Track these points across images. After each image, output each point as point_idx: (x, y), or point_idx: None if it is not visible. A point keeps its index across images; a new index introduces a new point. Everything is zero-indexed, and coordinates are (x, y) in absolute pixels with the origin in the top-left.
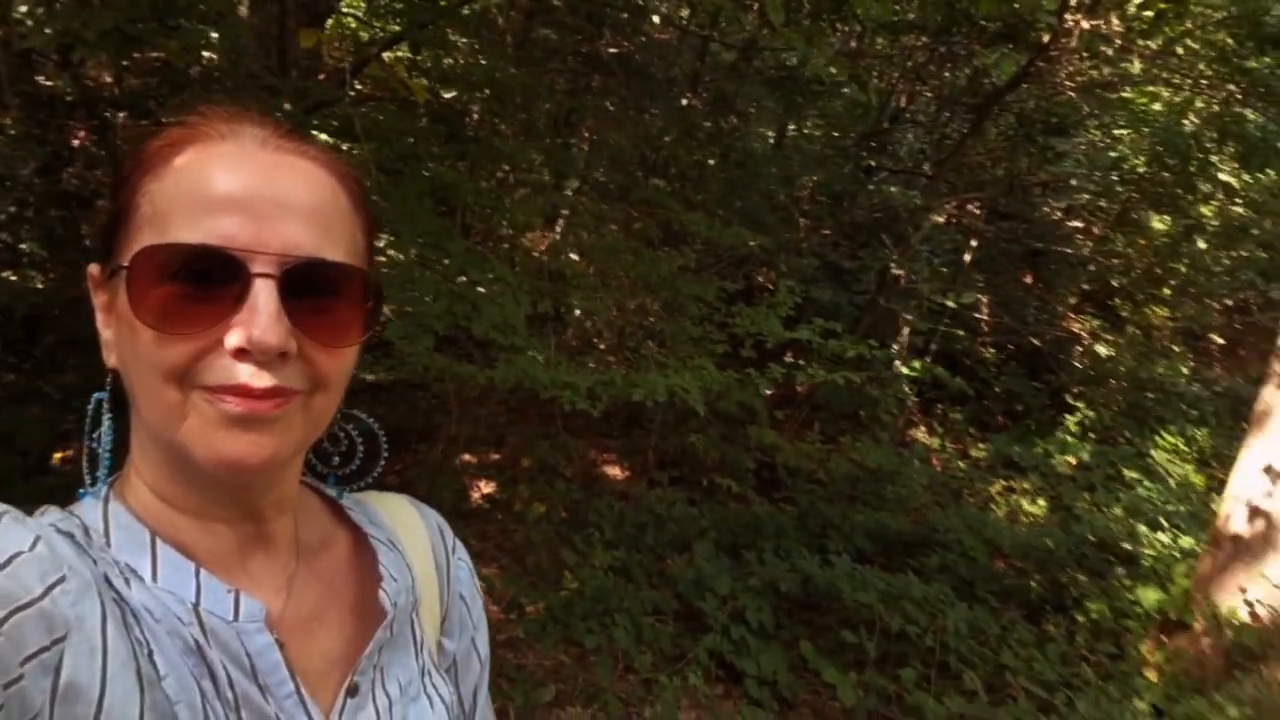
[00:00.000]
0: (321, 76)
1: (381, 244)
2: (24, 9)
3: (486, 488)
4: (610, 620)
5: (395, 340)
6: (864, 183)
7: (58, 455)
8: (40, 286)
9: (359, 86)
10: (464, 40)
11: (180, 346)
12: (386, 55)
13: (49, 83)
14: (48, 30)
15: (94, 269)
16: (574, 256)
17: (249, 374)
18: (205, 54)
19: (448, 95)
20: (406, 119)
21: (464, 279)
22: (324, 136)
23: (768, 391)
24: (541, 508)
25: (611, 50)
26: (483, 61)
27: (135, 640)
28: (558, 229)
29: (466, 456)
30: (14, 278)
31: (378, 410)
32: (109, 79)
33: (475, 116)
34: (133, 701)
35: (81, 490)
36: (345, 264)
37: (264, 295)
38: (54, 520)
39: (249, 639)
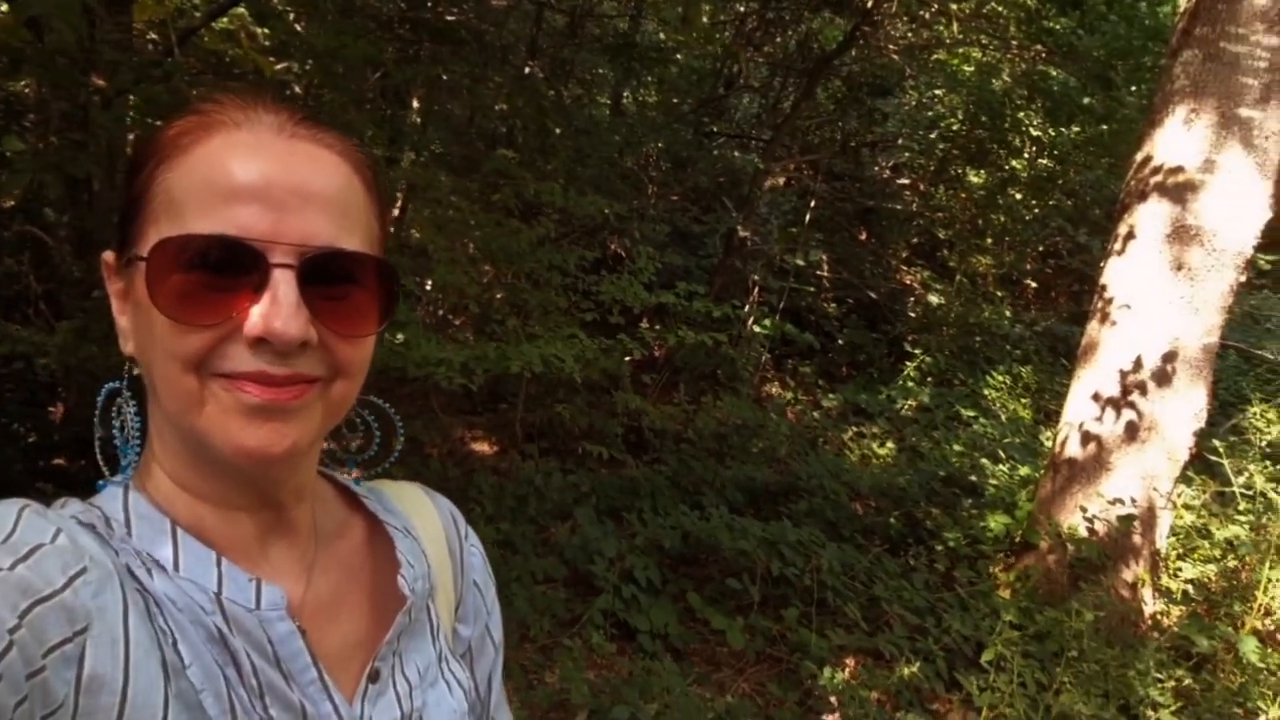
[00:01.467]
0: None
1: None
2: None
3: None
4: (504, 591)
5: None
6: (705, 148)
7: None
8: None
9: (181, 60)
10: (283, 8)
11: (198, 335)
12: (220, 26)
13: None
14: None
15: (109, 256)
16: (415, 233)
17: (268, 362)
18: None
19: (278, 66)
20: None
21: None
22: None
23: (629, 358)
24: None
25: (446, 17)
26: (298, 29)
27: (159, 630)
28: (398, 203)
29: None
30: None
31: None
32: None
33: (298, 89)
34: (157, 690)
35: (101, 481)
36: (363, 253)
37: (283, 286)
38: (75, 512)
39: (271, 627)
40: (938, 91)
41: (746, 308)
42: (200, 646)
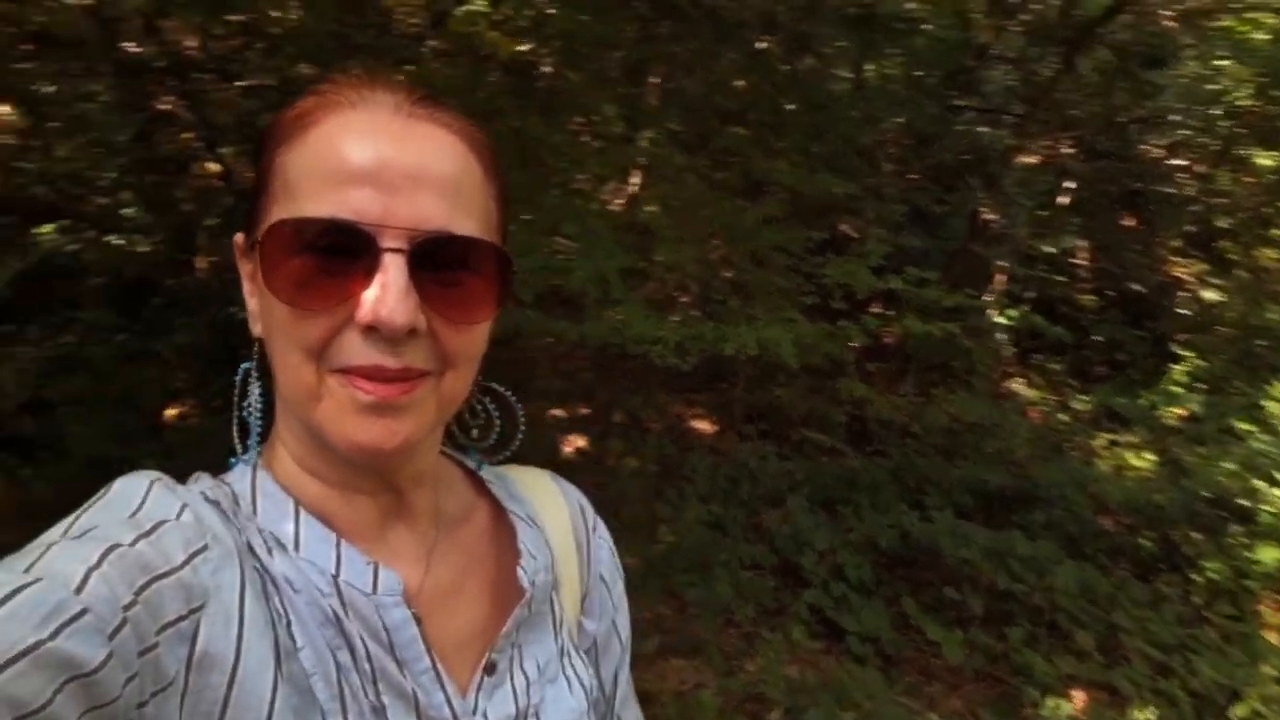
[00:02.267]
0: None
1: None
2: None
3: (578, 442)
4: (709, 573)
5: None
6: (950, 123)
7: (171, 412)
8: (145, 250)
9: (433, 43)
10: None
11: (315, 322)
12: (465, 10)
13: (138, 49)
14: None
15: (239, 238)
16: (652, 209)
17: (381, 354)
18: (283, 13)
19: (522, 48)
20: (479, 74)
21: (555, 236)
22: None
23: (854, 344)
24: (634, 462)
25: None
26: (550, 11)
27: (274, 610)
28: (635, 181)
29: (557, 412)
30: (120, 241)
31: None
32: (194, 43)
33: (547, 69)
34: (267, 671)
35: (233, 458)
36: (476, 238)
37: (393, 271)
38: (204, 488)
39: (386, 612)
40: (1222, 62)
41: (989, 296)
42: (314, 629)
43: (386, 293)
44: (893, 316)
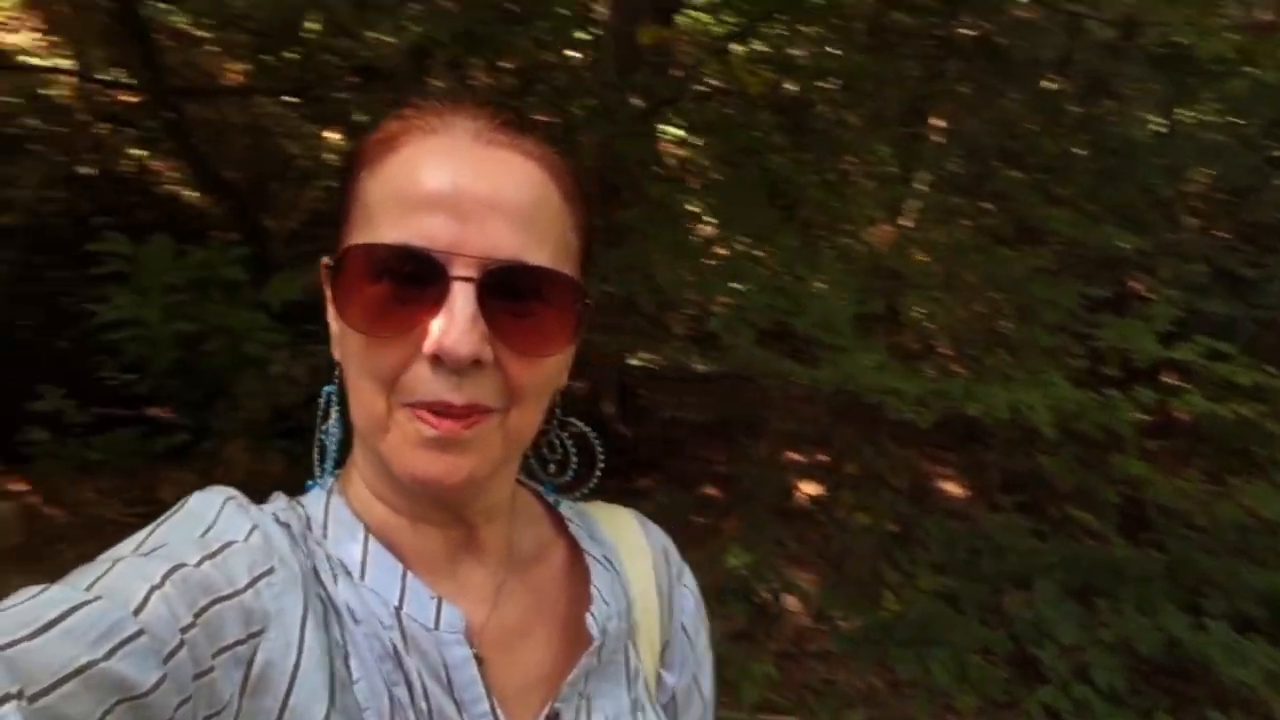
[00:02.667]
0: (679, 73)
1: (709, 235)
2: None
3: (810, 489)
4: (933, 651)
5: (718, 332)
6: (1270, 177)
7: None
8: None
9: (713, 82)
10: (811, 29)
11: (386, 352)
12: (735, 48)
13: (439, 83)
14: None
15: (325, 261)
16: (919, 255)
17: (447, 389)
18: (565, 52)
19: (791, 87)
20: (748, 113)
21: (790, 275)
22: (672, 130)
23: (1134, 418)
24: (866, 518)
25: (969, 32)
26: (829, 50)
27: (333, 640)
28: (904, 223)
29: (792, 455)
30: None
31: (706, 401)
32: (485, 78)
33: (820, 108)
34: (320, 701)
35: (310, 481)
36: (549, 269)
37: (460, 300)
38: (278, 509)
39: (448, 650)
40: None
41: None
42: (372, 663)
43: (452, 322)
44: (1177, 390)
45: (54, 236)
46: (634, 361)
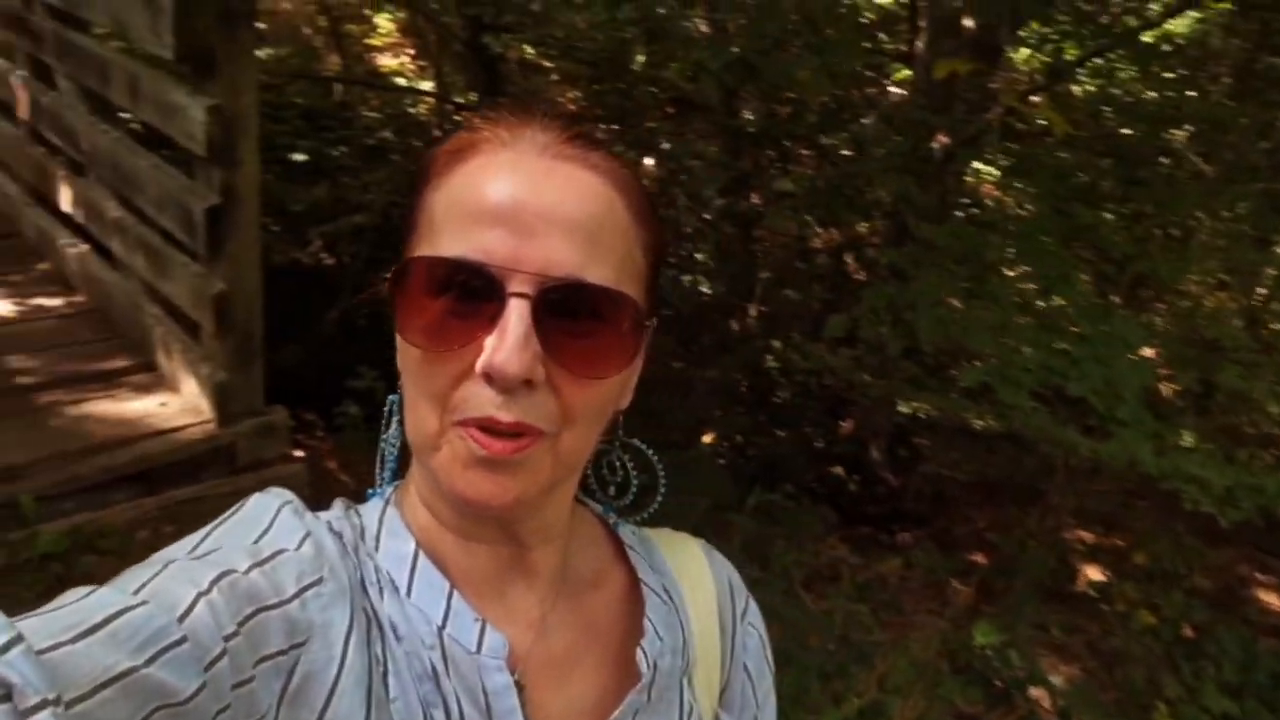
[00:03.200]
0: (997, 110)
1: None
2: None
3: (1091, 573)
4: None
5: (993, 386)
6: None
7: (706, 438)
8: (707, 292)
9: (1040, 122)
10: (1153, 70)
11: (441, 369)
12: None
13: (749, 116)
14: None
15: (386, 275)
16: (1261, 328)
17: (496, 406)
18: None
19: (1125, 131)
20: (1076, 156)
21: (1077, 330)
22: (988, 170)
23: None
24: (1151, 617)
25: None
26: (1188, 93)
27: (374, 656)
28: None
29: (1072, 532)
30: (687, 280)
31: (983, 460)
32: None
33: (1165, 157)
34: (356, 718)
35: (370, 490)
36: (608, 288)
37: (514, 317)
38: (333, 517)
39: (488, 675)
40: None
41: None
42: (411, 682)
43: (504, 339)
44: None
45: (399, 238)
46: (904, 409)
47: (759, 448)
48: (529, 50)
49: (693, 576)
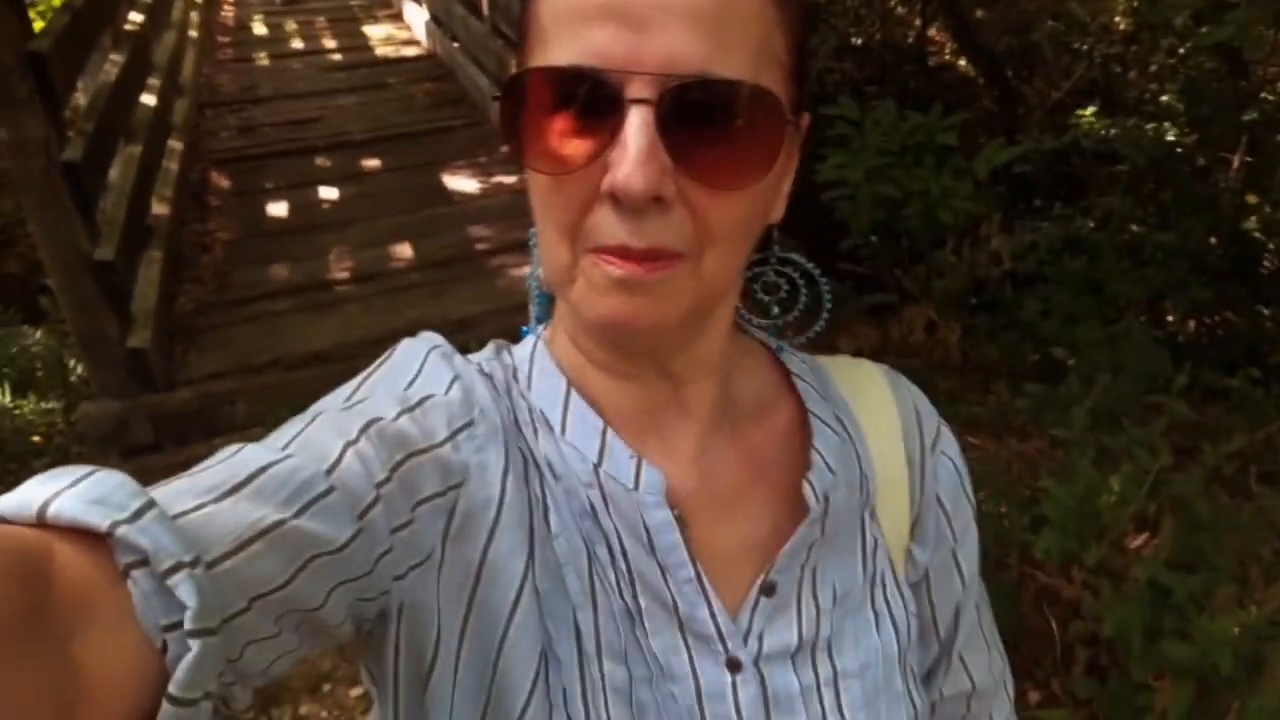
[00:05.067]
0: None
1: None
2: None
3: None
4: None
5: None
6: None
7: (1169, 315)
8: (1171, 139)
9: None
10: None
11: (565, 193)
12: None
13: None
14: None
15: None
16: None
17: (627, 231)
18: None
19: None
20: None
21: None
22: None
23: None
24: None
25: None
26: None
27: (533, 494)
28: None
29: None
30: (1150, 128)
31: None
32: None
33: None
34: (519, 555)
35: (524, 327)
36: (740, 81)
37: (634, 126)
38: (484, 359)
39: (648, 512)
40: None
41: None
42: (571, 520)
43: (624, 153)
44: None
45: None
46: None
47: (1229, 326)
48: None
49: (872, 405)
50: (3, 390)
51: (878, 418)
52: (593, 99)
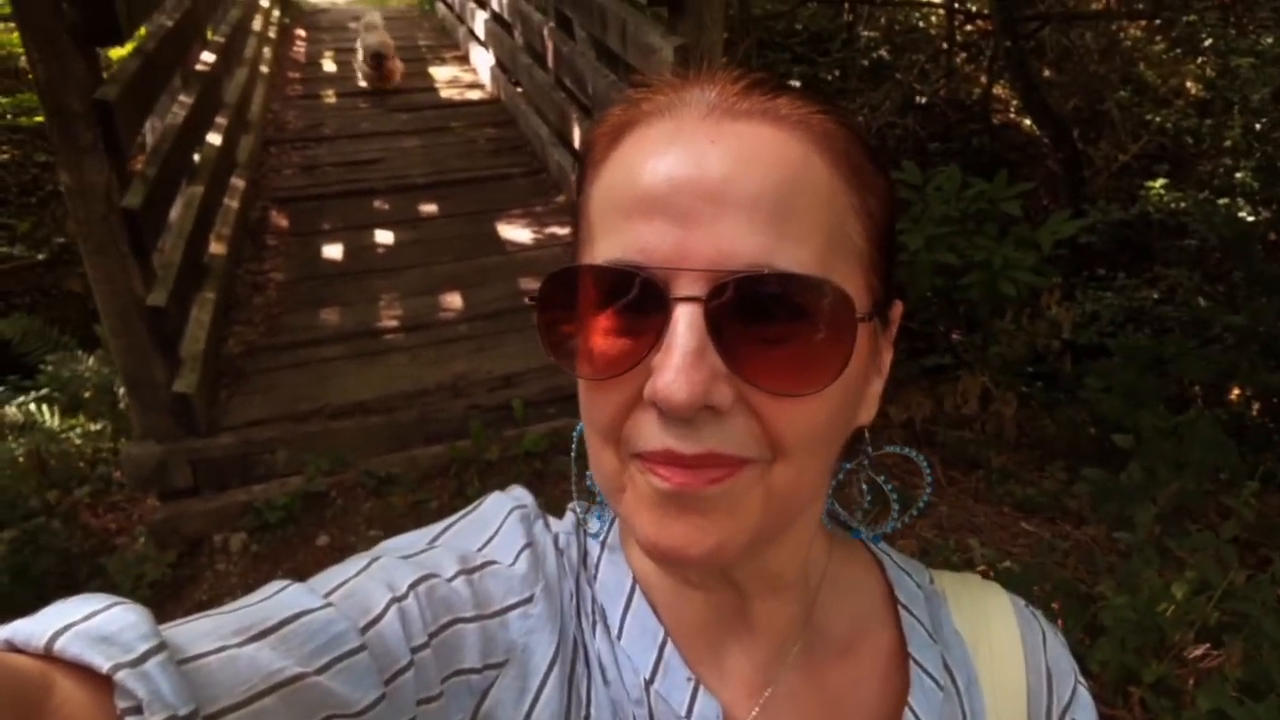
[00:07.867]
0: None
1: None
2: None
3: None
4: None
5: None
6: None
7: (1234, 394)
8: (1247, 218)
9: None
10: None
11: (607, 398)
12: None
13: None
14: None
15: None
16: None
17: (676, 437)
18: None
19: None
20: None
21: None
22: None
23: None
24: None
25: None
26: None
27: (575, 696)
28: None
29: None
30: (1223, 204)
31: None
32: None
33: None
34: None
35: (574, 503)
36: (801, 275)
37: (681, 328)
38: (563, 531)
39: None
40: None
41: None
42: None
43: (668, 357)
44: None
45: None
46: None
47: None
48: None
49: (995, 650)
50: (54, 414)
51: (999, 667)
52: (638, 298)
